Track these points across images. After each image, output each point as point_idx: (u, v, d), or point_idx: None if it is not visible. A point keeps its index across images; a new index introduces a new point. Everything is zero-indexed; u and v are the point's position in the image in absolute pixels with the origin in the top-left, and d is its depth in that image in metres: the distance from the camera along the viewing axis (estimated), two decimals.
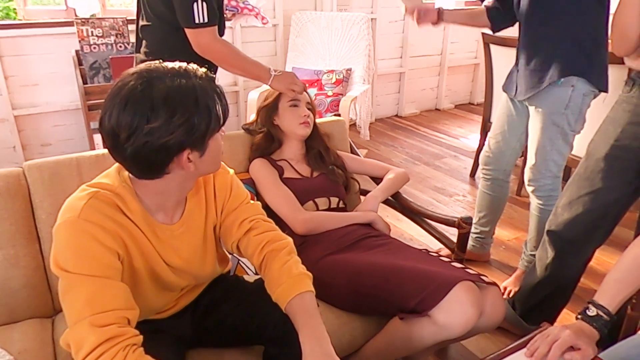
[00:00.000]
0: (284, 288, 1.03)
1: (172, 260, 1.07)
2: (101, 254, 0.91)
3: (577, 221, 1.49)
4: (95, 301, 0.88)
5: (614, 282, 1.05)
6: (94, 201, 0.93)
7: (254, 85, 3.52)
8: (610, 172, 1.42)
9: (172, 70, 0.91)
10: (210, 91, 0.92)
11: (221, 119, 0.95)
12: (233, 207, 1.14)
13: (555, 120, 1.73)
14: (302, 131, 1.66)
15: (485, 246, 2.28)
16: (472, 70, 5.04)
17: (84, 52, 2.86)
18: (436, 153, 3.73)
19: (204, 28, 1.56)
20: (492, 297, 1.28)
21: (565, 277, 1.60)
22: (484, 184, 2.15)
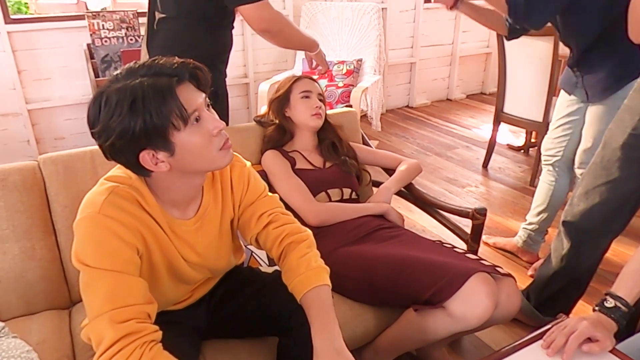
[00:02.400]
0: (300, 279, 1.03)
1: (188, 255, 1.07)
2: (121, 249, 0.92)
3: (593, 211, 1.47)
4: (114, 296, 0.88)
5: (632, 273, 1.03)
6: (114, 196, 0.93)
7: (264, 77, 3.52)
8: (627, 162, 1.39)
9: (131, 69, 0.89)
10: (153, 90, 0.86)
11: (173, 117, 0.87)
12: (251, 200, 1.13)
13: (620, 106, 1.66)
14: (313, 122, 1.65)
15: (533, 244, 2.17)
16: (484, 59, 4.97)
17: (95, 45, 2.87)
18: (448, 144, 3.71)
19: (264, 0, 1.51)
20: (507, 289, 1.27)
21: (581, 268, 1.59)
22: (545, 171, 2.08)
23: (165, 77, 0.88)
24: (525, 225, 2.19)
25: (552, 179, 2.07)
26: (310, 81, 1.70)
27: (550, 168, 2.06)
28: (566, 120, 1.94)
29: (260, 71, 3.73)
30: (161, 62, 0.90)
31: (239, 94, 3.75)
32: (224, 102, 1.83)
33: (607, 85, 1.72)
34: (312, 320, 0.98)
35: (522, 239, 2.20)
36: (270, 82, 3.26)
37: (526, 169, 3.23)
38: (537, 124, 2.84)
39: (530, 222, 2.17)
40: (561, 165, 2.03)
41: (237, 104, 3.75)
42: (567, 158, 2.00)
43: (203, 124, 0.92)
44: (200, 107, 0.92)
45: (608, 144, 1.44)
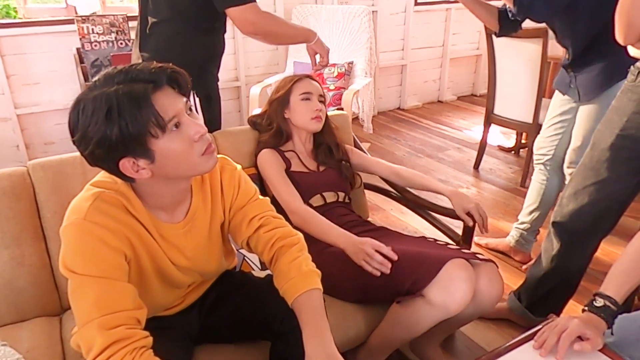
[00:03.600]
0: (292, 283, 1.03)
1: (177, 259, 1.07)
2: (108, 255, 0.91)
3: (582, 212, 1.48)
4: (103, 302, 0.88)
5: (620, 272, 1.05)
6: (99, 202, 0.93)
7: (256, 80, 3.52)
8: (615, 162, 1.41)
9: (108, 75, 0.88)
10: (128, 98, 0.84)
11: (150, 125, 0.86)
12: (241, 204, 1.13)
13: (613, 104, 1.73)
14: (313, 126, 1.62)
15: (525, 243, 2.19)
16: (474, 61, 5.01)
17: (85, 49, 2.85)
18: (439, 145, 3.72)
19: (249, 4, 1.51)
20: (487, 273, 1.31)
21: (571, 268, 1.60)
22: (537, 170, 2.11)
23: (141, 83, 0.86)
24: (518, 225, 2.21)
25: (544, 178, 2.09)
26: (312, 82, 1.66)
27: (542, 167, 2.08)
28: (558, 119, 1.97)
29: (252, 74, 3.73)
30: (138, 68, 0.88)
31: (231, 97, 3.74)
32: (216, 106, 1.83)
33: (598, 85, 1.75)
34: (304, 324, 0.98)
35: (514, 239, 2.21)
36: (262, 85, 3.26)
37: (517, 170, 3.25)
38: (527, 125, 2.86)
39: (522, 221, 2.19)
40: (552, 165, 2.05)
41: (229, 107, 3.74)
42: (558, 157, 2.02)
43: (183, 129, 0.91)
44: (179, 112, 0.90)
45: (596, 144, 1.46)
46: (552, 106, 2.00)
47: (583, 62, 1.78)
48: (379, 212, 2.62)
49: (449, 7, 4.54)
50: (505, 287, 2.01)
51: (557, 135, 1.99)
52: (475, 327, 1.81)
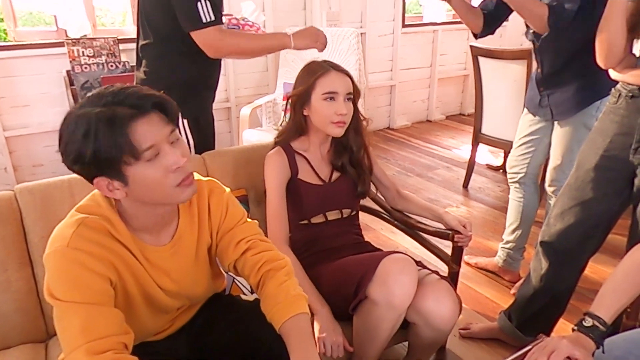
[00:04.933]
0: (279, 308, 1.03)
1: (163, 282, 1.06)
2: (92, 281, 0.91)
3: (569, 231, 1.50)
4: (89, 328, 0.87)
5: (609, 292, 1.06)
6: (83, 228, 0.93)
7: (246, 101, 3.54)
8: (600, 182, 1.43)
9: (100, 94, 0.89)
10: (106, 122, 0.85)
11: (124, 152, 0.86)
12: (229, 227, 1.13)
13: (587, 123, 1.78)
14: (333, 131, 1.44)
15: (513, 262, 2.21)
16: (462, 81, 5.09)
17: (75, 72, 2.86)
18: (428, 164, 3.75)
19: (212, 27, 1.50)
20: (435, 292, 1.28)
21: (560, 287, 1.61)
22: (512, 190, 2.15)
23: (126, 108, 0.87)
24: (503, 245, 2.23)
25: (520, 196, 2.12)
26: (339, 77, 1.44)
27: (517, 185, 2.12)
28: (528, 138, 2.01)
29: (242, 95, 3.76)
30: (128, 92, 0.89)
31: (221, 118, 3.76)
32: (208, 128, 1.83)
33: (573, 105, 1.79)
34: (292, 349, 0.97)
35: (502, 259, 2.23)
36: (252, 106, 3.28)
37: (505, 188, 3.28)
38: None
39: (507, 240, 2.21)
40: (527, 182, 2.09)
41: (219, 128, 3.72)
42: (531, 174, 2.07)
43: (161, 158, 0.90)
44: (160, 141, 0.90)
45: (581, 165, 1.48)
46: (522, 125, 2.05)
47: (558, 80, 1.81)
48: (370, 232, 2.63)
49: (436, 28, 4.63)
50: (495, 306, 2.04)
51: (529, 154, 2.04)
52: (467, 346, 1.80)
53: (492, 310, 2.02)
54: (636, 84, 1.34)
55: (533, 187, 2.10)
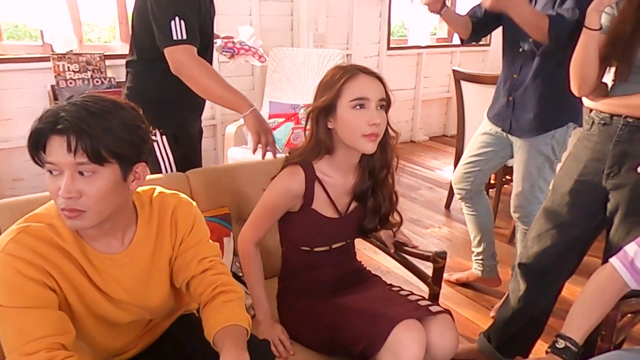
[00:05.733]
0: (220, 318, 1.04)
1: (112, 290, 1.04)
2: (27, 286, 0.92)
3: (546, 254, 1.54)
4: (23, 331, 0.90)
5: (577, 314, 1.10)
6: (22, 235, 0.93)
7: (232, 118, 3.55)
8: (575, 206, 1.47)
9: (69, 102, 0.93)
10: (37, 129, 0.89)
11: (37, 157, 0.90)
12: (195, 241, 1.13)
13: (542, 150, 1.87)
14: (365, 146, 1.24)
15: (490, 270, 2.29)
16: (445, 103, 5.18)
17: (60, 87, 2.85)
18: (412, 185, 3.80)
19: (182, 45, 1.52)
20: (440, 327, 1.24)
21: (538, 309, 1.64)
22: (463, 205, 2.24)
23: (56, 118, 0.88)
24: (475, 257, 2.31)
25: (472, 210, 2.21)
26: (370, 80, 1.25)
27: (466, 201, 2.21)
28: (476, 158, 2.11)
29: (228, 113, 3.77)
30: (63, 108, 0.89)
31: (206, 135, 3.75)
32: (190, 147, 1.84)
33: (532, 127, 1.87)
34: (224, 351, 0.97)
35: (479, 270, 2.30)
36: (237, 124, 3.29)
37: None
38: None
39: (477, 252, 2.28)
40: (473, 195, 2.18)
41: (204, 145, 3.72)
42: (476, 187, 2.17)
43: (54, 180, 0.90)
44: (64, 166, 0.88)
45: (557, 189, 1.53)
46: (474, 143, 2.14)
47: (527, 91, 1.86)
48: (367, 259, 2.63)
49: (420, 52, 4.73)
50: (475, 327, 2.05)
51: (473, 173, 2.14)
52: None
53: (472, 331, 2.04)
54: (608, 112, 1.39)
55: (481, 197, 2.20)
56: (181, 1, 1.52)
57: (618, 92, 1.38)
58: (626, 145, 1.35)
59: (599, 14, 1.31)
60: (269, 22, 3.70)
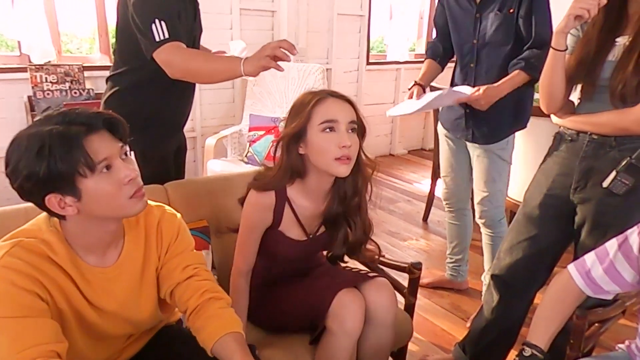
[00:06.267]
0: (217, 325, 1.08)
1: (104, 304, 1.05)
2: (21, 296, 0.92)
3: (518, 265, 1.58)
4: (18, 341, 0.90)
5: (540, 321, 1.15)
6: (16, 249, 0.94)
7: (212, 131, 3.56)
8: (544, 219, 1.52)
9: (48, 116, 0.94)
10: (60, 138, 0.89)
11: (79, 165, 0.91)
12: (179, 250, 1.15)
13: (502, 155, 2.00)
14: (337, 170, 1.23)
15: (462, 274, 2.43)
16: (424, 117, 5.27)
17: (37, 97, 2.82)
18: (390, 197, 3.84)
19: (165, 44, 1.49)
20: (375, 288, 1.37)
21: (511, 319, 1.67)
22: (449, 215, 2.35)
23: (76, 125, 0.92)
24: (451, 263, 2.43)
25: (457, 220, 2.33)
26: (339, 103, 1.25)
27: (453, 212, 2.32)
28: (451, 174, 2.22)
29: (208, 125, 3.78)
30: (77, 112, 0.95)
31: None
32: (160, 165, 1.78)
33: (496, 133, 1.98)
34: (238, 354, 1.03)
35: (454, 275, 2.44)
36: (218, 136, 3.30)
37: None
38: None
39: (454, 259, 2.41)
40: (461, 207, 2.29)
41: None
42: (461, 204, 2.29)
43: (114, 172, 0.95)
44: (112, 155, 0.95)
45: (528, 203, 1.58)
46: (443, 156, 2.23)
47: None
48: None
49: (399, 67, 4.82)
50: (451, 338, 2.09)
51: (453, 189, 2.24)
52: None
53: (447, 342, 2.07)
54: (574, 129, 1.45)
55: (467, 211, 2.31)
56: (160, 4, 1.51)
57: (584, 110, 1.45)
58: (592, 161, 1.41)
59: (565, 35, 1.37)
60: (250, 36, 3.73)
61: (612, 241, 1.14)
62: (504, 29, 1.85)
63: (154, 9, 1.50)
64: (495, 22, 1.87)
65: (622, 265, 1.10)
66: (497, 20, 1.86)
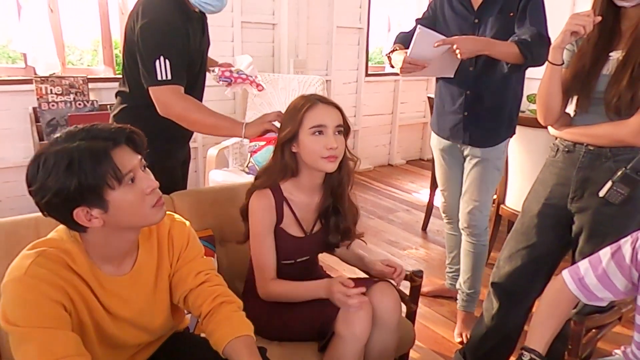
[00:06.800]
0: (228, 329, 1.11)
1: (121, 311, 1.09)
2: (49, 307, 0.95)
3: (517, 273, 1.62)
4: (47, 351, 0.92)
5: (537, 326, 1.18)
6: (41, 259, 0.98)
7: (213, 141, 3.60)
8: (543, 228, 1.56)
9: (71, 133, 0.98)
10: (89, 153, 0.94)
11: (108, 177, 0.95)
12: (190, 257, 1.19)
13: (497, 164, 2.02)
14: (325, 166, 1.40)
15: None
16: (422, 128, 5.34)
17: (42, 109, 2.86)
18: (389, 207, 3.88)
19: (166, 85, 1.54)
20: (380, 289, 1.41)
21: (510, 326, 1.70)
22: (448, 227, 2.36)
23: (101, 140, 0.97)
24: (450, 272, 2.45)
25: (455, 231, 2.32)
26: (327, 109, 1.40)
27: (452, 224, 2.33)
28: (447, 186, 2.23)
29: (209, 136, 3.81)
30: (99, 127, 1.00)
31: None
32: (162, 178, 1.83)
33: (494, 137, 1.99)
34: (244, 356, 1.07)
35: (452, 284, 2.43)
36: (219, 147, 3.34)
37: None
38: None
39: (454, 269, 2.42)
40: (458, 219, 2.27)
41: None
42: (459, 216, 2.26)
43: (137, 183, 1.00)
44: (135, 168, 1.00)
45: (526, 212, 1.62)
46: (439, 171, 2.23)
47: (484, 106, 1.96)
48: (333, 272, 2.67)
49: (397, 78, 4.89)
50: (450, 345, 2.11)
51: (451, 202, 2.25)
52: None
53: (448, 349, 2.09)
54: (571, 140, 1.50)
55: None
56: (167, 40, 1.54)
57: (580, 122, 1.49)
58: (588, 171, 1.46)
59: (561, 50, 1.42)
60: (251, 48, 3.79)
61: (606, 249, 1.18)
62: (504, 31, 1.83)
63: (160, 45, 1.53)
64: (495, 25, 1.86)
65: (614, 273, 1.14)
66: (497, 23, 1.86)
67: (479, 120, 1.99)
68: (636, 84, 1.32)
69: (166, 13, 1.56)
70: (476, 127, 2.00)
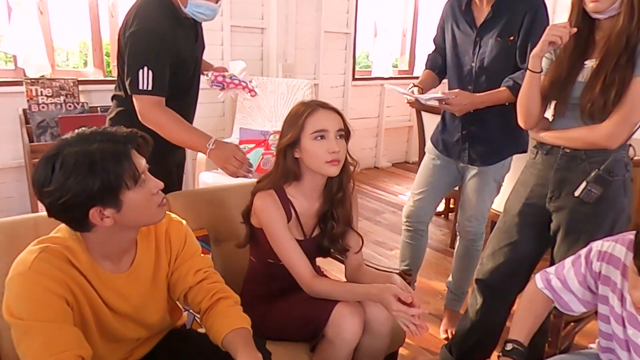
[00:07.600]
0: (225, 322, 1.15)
1: (120, 307, 1.13)
2: (53, 301, 0.99)
3: (499, 269, 1.69)
4: (50, 344, 0.96)
5: (519, 320, 1.27)
6: (45, 254, 1.02)
7: None
8: (523, 227, 1.64)
9: (84, 135, 1.02)
10: (111, 154, 0.99)
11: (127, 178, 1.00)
12: (188, 256, 1.24)
13: (497, 177, 2.06)
14: (328, 171, 1.40)
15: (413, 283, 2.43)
16: (407, 131, 5.43)
17: (32, 110, 2.87)
18: (376, 209, 3.95)
19: (146, 96, 1.57)
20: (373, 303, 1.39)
21: (493, 321, 1.78)
22: (406, 234, 2.28)
23: (119, 143, 1.02)
24: None
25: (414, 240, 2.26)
26: (328, 114, 1.42)
27: (412, 232, 2.26)
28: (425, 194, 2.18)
29: None
30: (112, 130, 1.05)
31: None
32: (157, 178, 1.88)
33: (493, 156, 2.01)
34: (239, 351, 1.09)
35: None
36: None
37: (446, 232, 3.51)
38: (454, 191, 3.14)
39: None
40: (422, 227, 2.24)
41: None
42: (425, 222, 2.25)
43: (146, 184, 1.06)
44: (144, 169, 1.07)
45: (508, 211, 1.70)
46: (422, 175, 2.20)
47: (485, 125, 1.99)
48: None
49: (383, 82, 4.97)
50: (437, 341, 2.19)
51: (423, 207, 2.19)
52: None
53: (435, 345, 2.17)
54: (549, 143, 1.58)
55: (425, 231, 2.27)
56: (154, 51, 1.56)
57: (557, 126, 1.58)
58: (565, 173, 1.54)
59: (540, 59, 1.51)
60: (239, 52, 3.84)
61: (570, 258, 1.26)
62: (503, 56, 1.87)
63: (146, 56, 1.56)
64: (494, 49, 1.87)
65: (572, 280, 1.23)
66: (496, 47, 1.87)
67: (480, 139, 2.00)
68: (608, 90, 1.40)
69: (157, 22, 1.58)
70: (476, 146, 2.01)
